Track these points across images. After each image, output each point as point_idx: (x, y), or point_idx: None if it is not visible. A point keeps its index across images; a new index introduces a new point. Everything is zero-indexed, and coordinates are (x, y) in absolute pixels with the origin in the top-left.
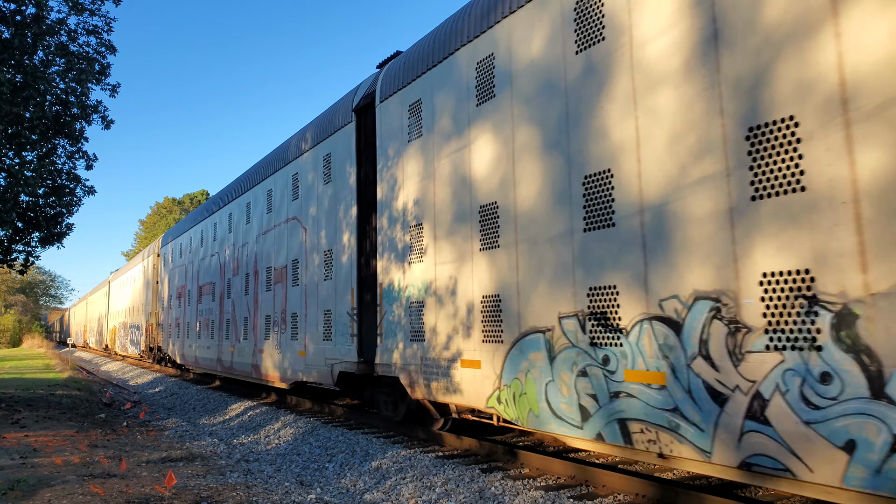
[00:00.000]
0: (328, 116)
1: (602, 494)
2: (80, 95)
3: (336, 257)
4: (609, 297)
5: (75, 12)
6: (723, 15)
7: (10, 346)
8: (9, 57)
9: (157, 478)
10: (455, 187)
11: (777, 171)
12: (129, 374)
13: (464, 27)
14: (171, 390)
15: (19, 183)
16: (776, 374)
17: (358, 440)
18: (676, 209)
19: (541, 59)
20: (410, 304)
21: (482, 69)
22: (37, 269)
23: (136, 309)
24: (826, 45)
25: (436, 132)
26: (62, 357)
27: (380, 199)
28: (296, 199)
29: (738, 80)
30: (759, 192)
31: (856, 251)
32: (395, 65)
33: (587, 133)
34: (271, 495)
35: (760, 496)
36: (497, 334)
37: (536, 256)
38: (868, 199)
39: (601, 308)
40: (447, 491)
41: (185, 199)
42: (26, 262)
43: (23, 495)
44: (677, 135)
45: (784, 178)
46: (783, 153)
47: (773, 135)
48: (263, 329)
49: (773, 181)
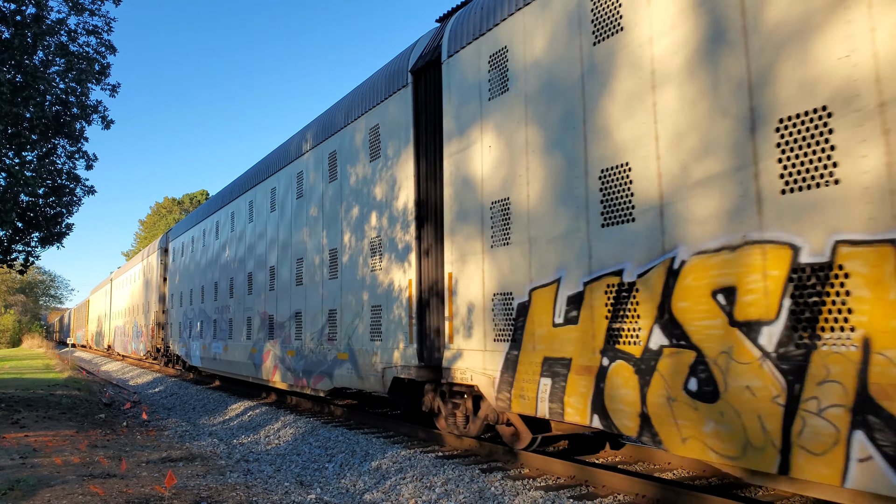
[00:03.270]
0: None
1: (602, 494)
2: (80, 95)
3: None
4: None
5: (75, 12)
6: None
7: (9, 346)
8: (9, 57)
9: (157, 478)
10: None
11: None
12: (129, 375)
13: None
14: (170, 390)
15: (19, 183)
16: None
17: (358, 440)
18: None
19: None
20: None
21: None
22: (37, 269)
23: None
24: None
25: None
26: (62, 357)
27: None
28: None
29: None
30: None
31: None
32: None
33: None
34: (271, 495)
35: (760, 496)
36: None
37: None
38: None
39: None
40: (447, 491)
41: (184, 199)
42: (26, 262)
43: (23, 495)
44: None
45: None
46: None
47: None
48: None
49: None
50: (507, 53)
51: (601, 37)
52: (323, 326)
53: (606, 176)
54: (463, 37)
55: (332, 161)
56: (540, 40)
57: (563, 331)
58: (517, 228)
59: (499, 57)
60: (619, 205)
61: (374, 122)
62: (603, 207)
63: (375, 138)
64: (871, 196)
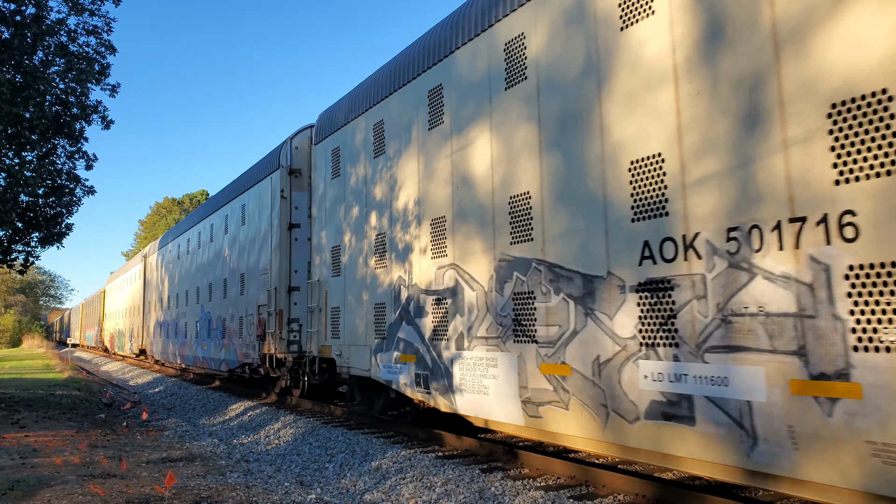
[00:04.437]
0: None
1: (602, 494)
2: (80, 95)
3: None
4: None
5: (75, 12)
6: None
7: (9, 347)
8: (9, 57)
9: (157, 478)
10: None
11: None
12: (129, 375)
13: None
14: (171, 390)
15: (19, 183)
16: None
17: (358, 440)
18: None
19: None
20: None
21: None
22: (37, 269)
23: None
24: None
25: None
26: (62, 357)
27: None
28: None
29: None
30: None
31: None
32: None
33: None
34: (271, 495)
35: (761, 496)
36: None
37: None
38: None
39: None
40: (447, 491)
41: (184, 199)
42: (26, 262)
43: (23, 495)
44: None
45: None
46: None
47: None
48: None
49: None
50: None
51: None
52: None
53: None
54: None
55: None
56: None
57: None
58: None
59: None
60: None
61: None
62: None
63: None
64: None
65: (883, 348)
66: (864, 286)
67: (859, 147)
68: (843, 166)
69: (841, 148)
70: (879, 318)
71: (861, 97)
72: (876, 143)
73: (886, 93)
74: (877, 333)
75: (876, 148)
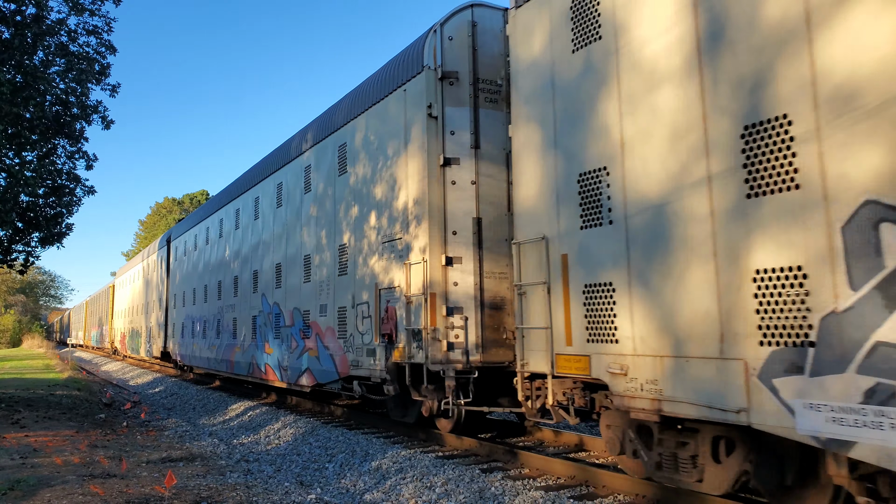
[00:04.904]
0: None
1: (602, 495)
2: (80, 95)
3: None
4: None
5: (75, 12)
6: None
7: (10, 347)
8: (9, 57)
9: (157, 478)
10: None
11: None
12: (129, 375)
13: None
14: (171, 390)
15: (19, 183)
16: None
17: (358, 440)
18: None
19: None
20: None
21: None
22: (37, 269)
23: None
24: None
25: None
26: (62, 357)
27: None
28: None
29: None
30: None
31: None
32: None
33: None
34: (271, 495)
35: (761, 496)
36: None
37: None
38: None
39: None
40: (447, 491)
41: (185, 199)
42: (26, 262)
43: (23, 495)
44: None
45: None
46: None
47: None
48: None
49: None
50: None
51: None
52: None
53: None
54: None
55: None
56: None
57: None
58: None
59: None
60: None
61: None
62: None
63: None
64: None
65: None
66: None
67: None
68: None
69: None
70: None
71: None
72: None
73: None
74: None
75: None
